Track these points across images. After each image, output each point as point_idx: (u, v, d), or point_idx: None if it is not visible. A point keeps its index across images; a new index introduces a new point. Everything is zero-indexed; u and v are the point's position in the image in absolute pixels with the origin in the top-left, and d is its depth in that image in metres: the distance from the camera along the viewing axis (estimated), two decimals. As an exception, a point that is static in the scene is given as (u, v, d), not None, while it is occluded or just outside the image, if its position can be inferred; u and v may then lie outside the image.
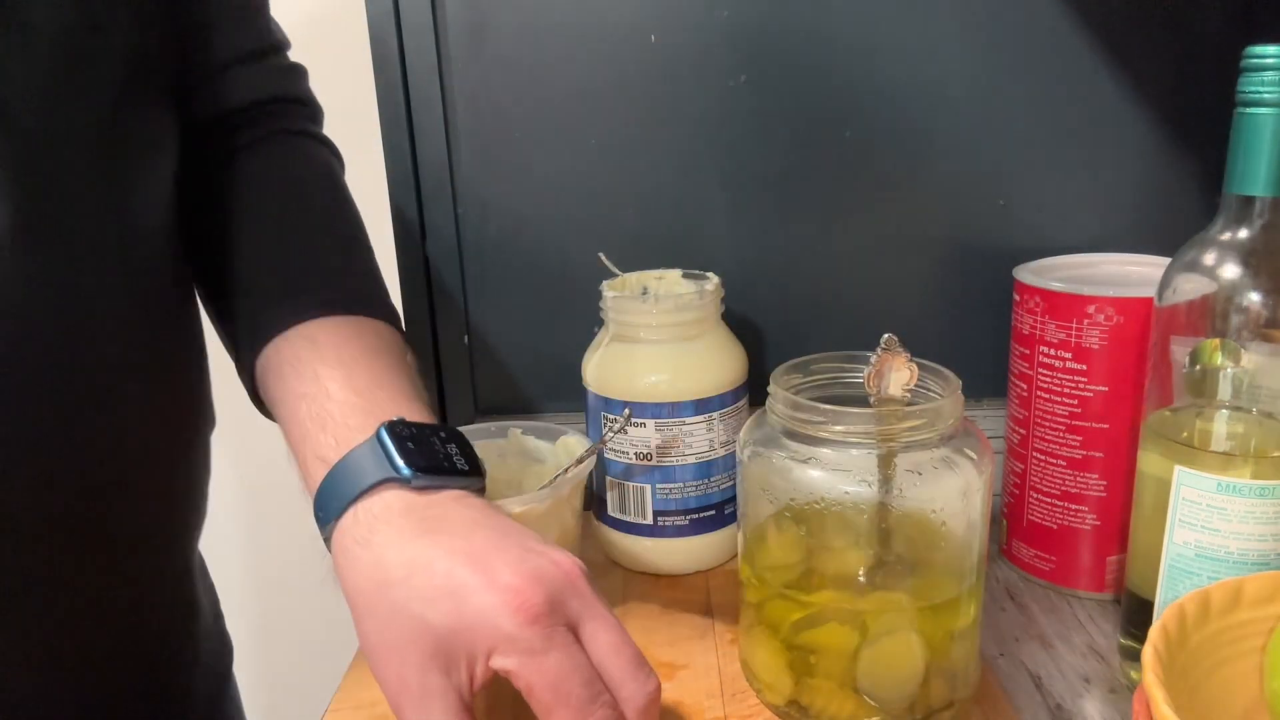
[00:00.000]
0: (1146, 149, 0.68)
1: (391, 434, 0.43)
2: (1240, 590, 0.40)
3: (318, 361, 0.47)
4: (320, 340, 0.48)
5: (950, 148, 0.68)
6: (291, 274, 0.52)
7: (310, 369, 0.47)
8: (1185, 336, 0.46)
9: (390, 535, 0.41)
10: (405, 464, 0.42)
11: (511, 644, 0.37)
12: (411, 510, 0.41)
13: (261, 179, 0.54)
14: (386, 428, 0.43)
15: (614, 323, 0.61)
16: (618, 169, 0.69)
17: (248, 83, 0.55)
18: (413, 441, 0.43)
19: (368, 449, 0.43)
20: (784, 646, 0.48)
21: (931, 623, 0.46)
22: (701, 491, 0.62)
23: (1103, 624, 0.57)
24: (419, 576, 0.39)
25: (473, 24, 0.67)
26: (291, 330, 0.49)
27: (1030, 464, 0.60)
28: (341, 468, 0.43)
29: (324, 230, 0.55)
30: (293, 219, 0.54)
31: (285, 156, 0.56)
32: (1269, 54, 0.41)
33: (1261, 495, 0.43)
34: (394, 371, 0.49)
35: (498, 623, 0.37)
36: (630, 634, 0.57)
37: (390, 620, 0.39)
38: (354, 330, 0.50)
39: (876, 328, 0.48)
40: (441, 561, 0.39)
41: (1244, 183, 0.43)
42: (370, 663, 0.40)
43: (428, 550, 0.40)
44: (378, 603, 0.39)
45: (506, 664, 0.37)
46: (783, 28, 0.66)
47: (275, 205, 0.54)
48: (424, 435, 0.44)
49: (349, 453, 0.43)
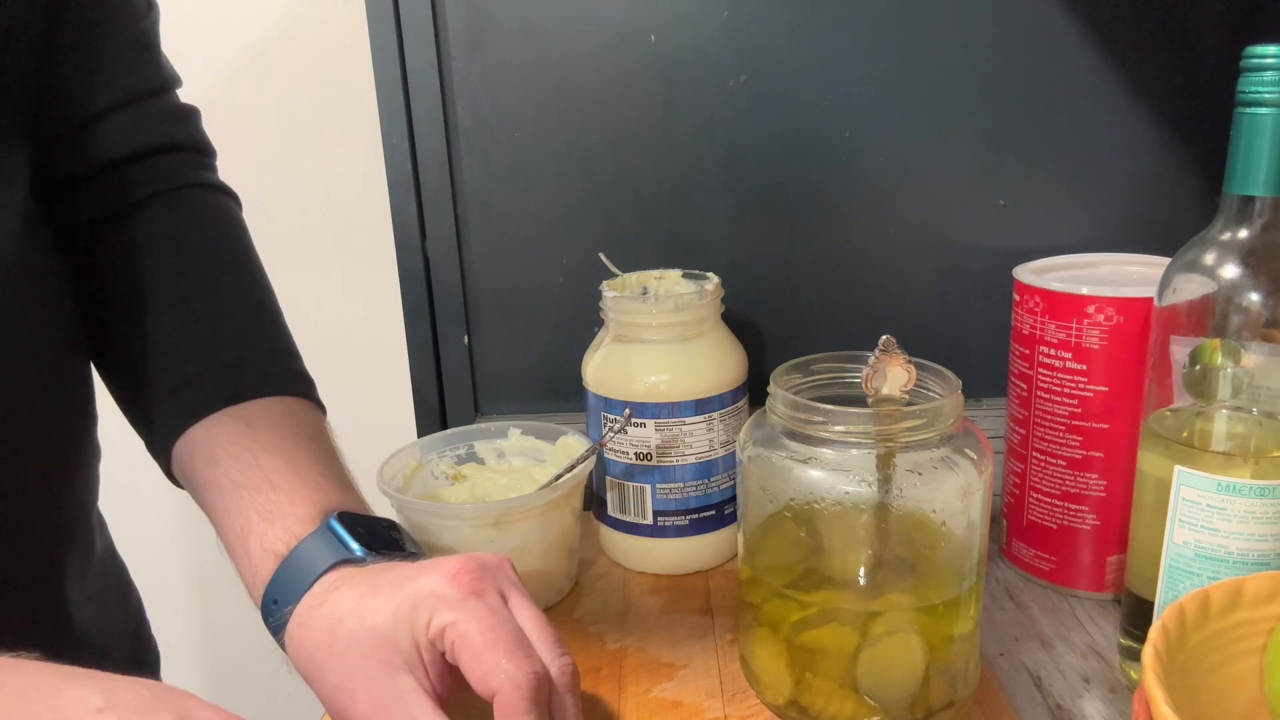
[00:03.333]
0: (1146, 149, 0.68)
1: (342, 522, 0.45)
2: (1240, 590, 0.40)
3: (258, 449, 0.47)
4: (256, 424, 0.48)
5: (950, 147, 0.68)
6: (214, 352, 0.50)
7: (250, 456, 0.46)
8: (1185, 336, 0.46)
9: (346, 591, 0.42)
10: (359, 546, 0.44)
11: (449, 602, 0.39)
12: (367, 574, 0.43)
13: (164, 242, 0.51)
14: (336, 517, 0.45)
15: (614, 323, 0.61)
16: (618, 169, 0.69)
17: (135, 129, 0.51)
18: (362, 527, 0.45)
19: (320, 538, 0.44)
20: (784, 646, 0.48)
21: (931, 623, 0.46)
22: (701, 491, 0.62)
23: (1103, 624, 0.57)
24: (369, 599, 0.41)
25: (473, 24, 0.67)
26: (222, 413, 0.48)
27: (1030, 464, 0.60)
28: (296, 556, 0.44)
29: (240, 301, 0.52)
30: (206, 290, 0.51)
31: (187, 216, 0.53)
32: (1269, 54, 0.41)
33: (1261, 495, 0.43)
34: (331, 457, 0.49)
35: (437, 590, 0.40)
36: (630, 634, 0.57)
37: (350, 647, 0.40)
38: (287, 413, 0.49)
39: (876, 328, 0.48)
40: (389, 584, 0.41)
41: (1244, 183, 0.43)
42: (341, 708, 0.41)
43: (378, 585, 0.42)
44: (335, 640, 0.41)
45: (445, 618, 0.39)
46: (783, 28, 0.66)
47: (185, 274, 0.51)
48: (371, 523, 0.46)
49: (302, 542, 0.44)
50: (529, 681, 0.38)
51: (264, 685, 1.00)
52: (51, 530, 0.51)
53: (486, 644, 0.38)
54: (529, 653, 0.39)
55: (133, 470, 0.65)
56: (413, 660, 0.40)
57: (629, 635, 0.56)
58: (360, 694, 0.40)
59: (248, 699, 1.02)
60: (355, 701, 0.40)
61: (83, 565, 0.54)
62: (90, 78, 0.50)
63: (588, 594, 0.61)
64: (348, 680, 0.40)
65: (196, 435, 0.48)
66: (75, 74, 0.49)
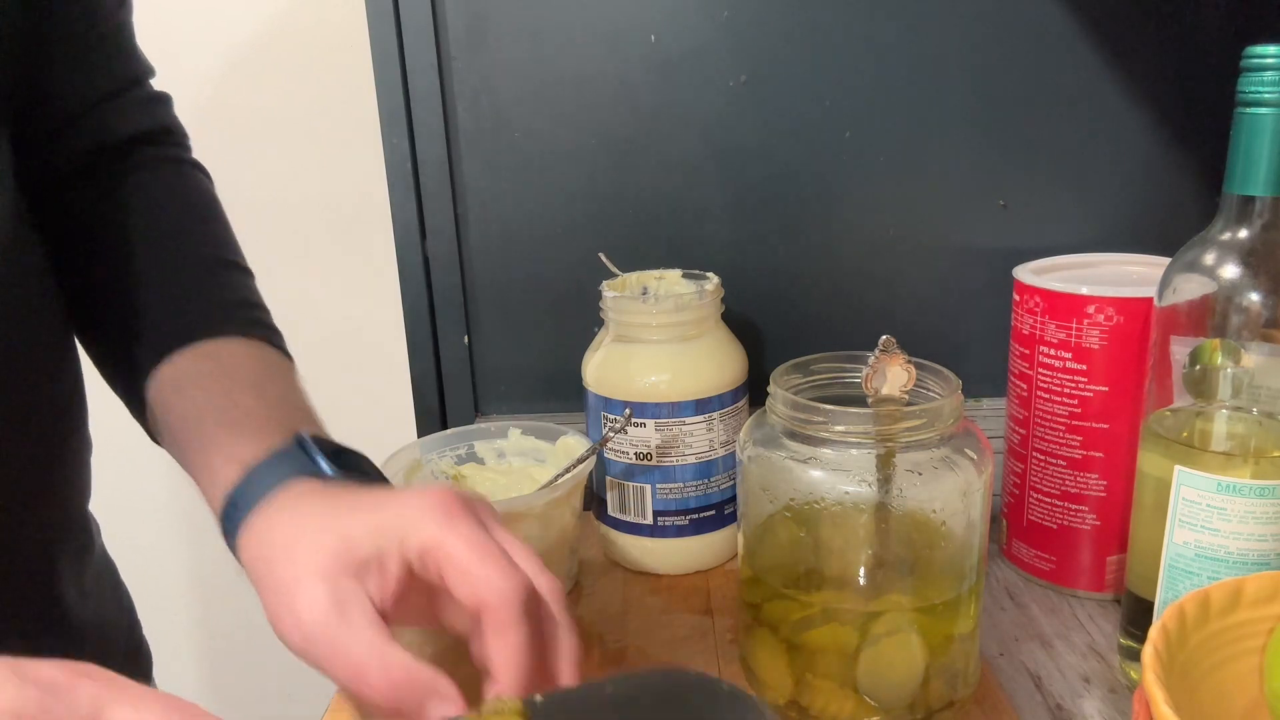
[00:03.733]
0: (1146, 149, 0.68)
1: (313, 441, 0.44)
2: (1240, 590, 0.40)
3: (226, 377, 0.47)
4: (224, 360, 0.48)
5: (950, 147, 0.68)
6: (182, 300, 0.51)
7: (219, 384, 0.46)
8: (1185, 336, 0.46)
9: (316, 501, 0.41)
10: (329, 467, 0.43)
11: (434, 519, 0.38)
12: (340, 489, 0.42)
13: (151, 204, 0.53)
14: (308, 435, 0.44)
15: (614, 323, 0.61)
16: (618, 169, 0.69)
17: (117, 120, 0.53)
18: (335, 451, 0.44)
19: (289, 452, 0.43)
20: (784, 646, 0.48)
21: (931, 623, 0.46)
22: (701, 491, 0.62)
23: (1103, 624, 0.57)
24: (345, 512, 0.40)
25: (473, 24, 0.67)
26: (190, 348, 0.48)
27: (1030, 464, 0.60)
28: (262, 467, 0.43)
29: (212, 259, 0.53)
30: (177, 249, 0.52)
31: (170, 182, 0.55)
32: (1269, 54, 0.41)
33: (1261, 495, 0.43)
34: (301, 397, 0.49)
35: (422, 508, 0.39)
36: (630, 634, 0.57)
37: (310, 548, 0.39)
38: (255, 352, 0.49)
39: (876, 328, 0.48)
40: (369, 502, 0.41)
41: (1244, 183, 0.43)
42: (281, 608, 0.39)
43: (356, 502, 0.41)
44: (297, 540, 0.40)
45: (431, 534, 0.38)
46: (783, 28, 0.66)
47: (158, 236, 0.52)
48: (345, 451, 0.45)
49: (271, 453, 0.43)
50: (518, 594, 0.38)
51: (264, 685, 1.00)
52: (46, 525, 0.51)
53: (474, 560, 0.38)
54: (517, 568, 0.39)
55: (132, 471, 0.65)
56: (367, 569, 0.39)
57: (629, 635, 0.56)
58: (303, 592, 0.38)
59: (247, 699, 1.02)
60: (295, 599, 0.39)
61: (78, 561, 0.54)
62: (72, 73, 0.50)
63: (588, 594, 0.61)
64: (292, 580, 0.39)
65: (165, 372, 0.48)
66: (58, 69, 0.50)
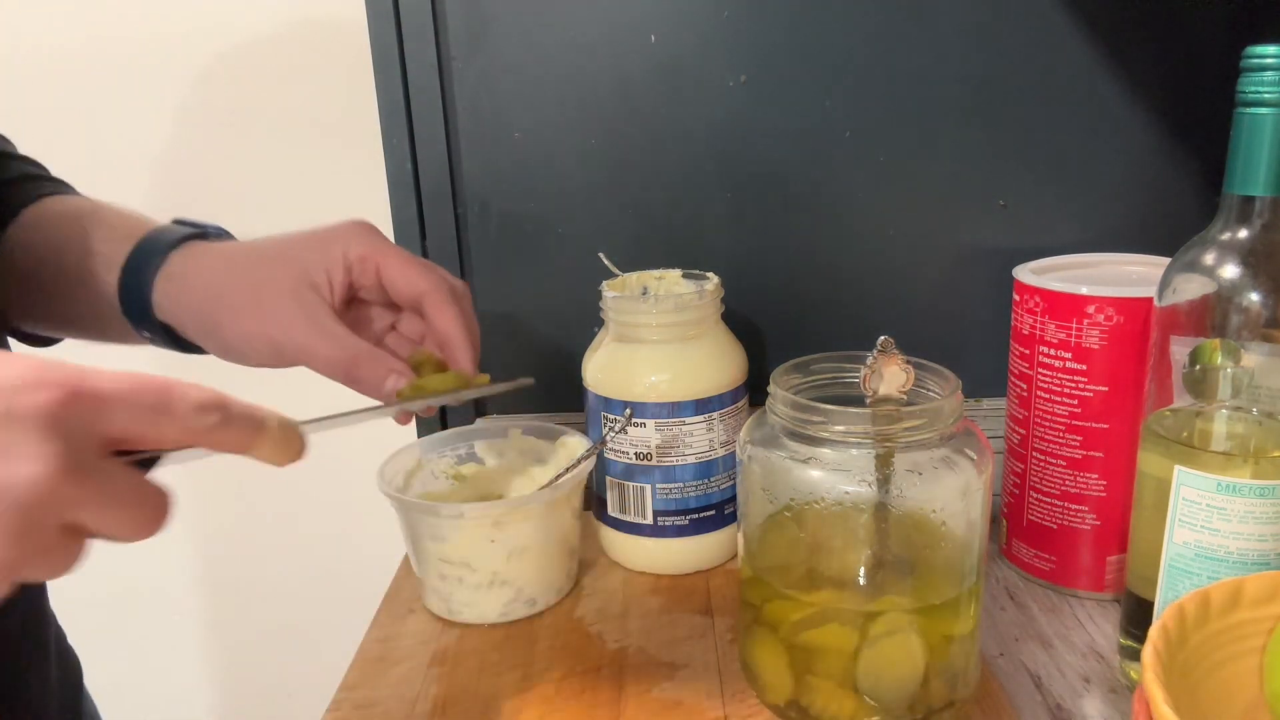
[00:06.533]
0: (1146, 149, 0.68)
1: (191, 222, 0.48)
2: (1240, 590, 0.40)
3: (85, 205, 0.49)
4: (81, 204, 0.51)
5: (950, 147, 0.68)
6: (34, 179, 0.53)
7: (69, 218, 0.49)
8: (1185, 336, 0.46)
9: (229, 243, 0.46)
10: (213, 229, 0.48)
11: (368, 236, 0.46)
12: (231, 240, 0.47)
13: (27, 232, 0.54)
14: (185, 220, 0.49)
15: (614, 323, 0.61)
16: (618, 169, 0.69)
17: None
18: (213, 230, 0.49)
19: (170, 227, 0.47)
20: (784, 646, 0.48)
21: (931, 623, 0.46)
22: (701, 491, 0.62)
23: (1103, 624, 0.57)
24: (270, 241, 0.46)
25: (473, 24, 0.67)
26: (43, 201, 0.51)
27: (1030, 464, 0.60)
28: (154, 234, 0.46)
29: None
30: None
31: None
32: (1269, 54, 0.41)
33: (1261, 495, 0.43)
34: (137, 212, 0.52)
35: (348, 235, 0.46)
36: (630, 634, 0.57)
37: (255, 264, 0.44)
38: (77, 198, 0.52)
39: (876, 328, 0.48)
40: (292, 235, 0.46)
41: (1244, 183, 0.43)
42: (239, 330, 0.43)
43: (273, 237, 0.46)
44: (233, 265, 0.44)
45: (362, 247, 0.45)
46: (783, 28, 0.66)
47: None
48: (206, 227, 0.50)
49: (155, 228, 0.47)
50: (445, 281, 0.47)
51: (263, 685, 1.00)
52: None
53: (408, 259, 0.46)
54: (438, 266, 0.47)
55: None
56: (320, 280, 0.44)
57: (629, 635, 0.56)
58: (266, 305, 0.42)
59: (247, 698, 1.02)
60: (259, 314, 0.42)
61: None
62: None
63: (588, 594, 0.61)
64: (251, 298, 0.43)
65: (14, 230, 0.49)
66: None
